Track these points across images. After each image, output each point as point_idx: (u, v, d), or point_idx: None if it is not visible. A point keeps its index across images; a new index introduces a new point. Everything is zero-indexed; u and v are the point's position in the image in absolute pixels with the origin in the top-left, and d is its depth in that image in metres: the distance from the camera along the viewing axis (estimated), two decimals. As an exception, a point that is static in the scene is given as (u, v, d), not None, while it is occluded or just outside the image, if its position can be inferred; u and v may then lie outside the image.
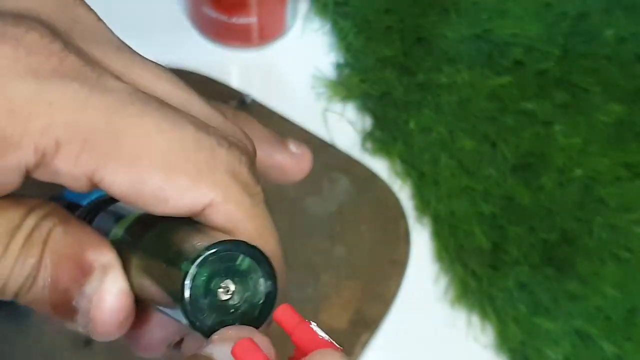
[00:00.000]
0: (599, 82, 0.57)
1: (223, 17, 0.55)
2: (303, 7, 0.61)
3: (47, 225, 0.21)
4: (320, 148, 0.53)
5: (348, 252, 0.48)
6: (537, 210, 0.51)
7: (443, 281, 0.49)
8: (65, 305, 0.21)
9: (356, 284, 0.47)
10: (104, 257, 0.22)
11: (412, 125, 0.54)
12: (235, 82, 0.54)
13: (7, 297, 0.21)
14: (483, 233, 0.49)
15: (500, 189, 0.51)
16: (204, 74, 0.54)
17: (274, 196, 0.50)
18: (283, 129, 0.53)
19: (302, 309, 0.47)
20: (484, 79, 0.56)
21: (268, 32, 0.57)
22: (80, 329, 0.22)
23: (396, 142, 0.53)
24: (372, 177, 0.52)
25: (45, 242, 0.21)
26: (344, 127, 0.55)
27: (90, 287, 0.21)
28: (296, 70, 0.58)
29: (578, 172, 0.52)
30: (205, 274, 0.20)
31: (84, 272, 0.21)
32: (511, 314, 0.47)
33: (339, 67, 0.57)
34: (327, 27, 0.60)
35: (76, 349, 0.44)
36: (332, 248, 0.48)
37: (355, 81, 0.56)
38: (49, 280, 0.21)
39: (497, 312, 0.47)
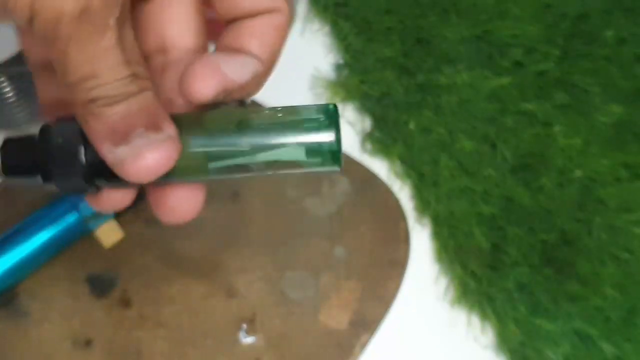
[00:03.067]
0: (598, 82, 0.57)
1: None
2: (302, 8, 0.61)
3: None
4: (320, 149, 0.53)
5: (348, 253, 0.48)
6: (536, 211, 0.51)
7: (443, 282, 0.49)
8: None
9: (356, 284, 0.47)
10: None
11: (411, 126, 0.54)
12: (235, 82, 0.55)
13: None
14: (482, 234, 0.49)
15: (500, 189, 0.51)
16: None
17: (274, 197, 0.50)
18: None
19: (302, 310, 0.47)
20: (483, 80, 0.56)
21: (268, 32, 0.57)
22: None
23: (396, 143, 0.53)
24: (371, 177, 0.52)
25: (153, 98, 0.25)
26: (343, 128, 0.55)
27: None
28: (296, 71, 0.58)
29: (578, 172, 0.52)
30: None
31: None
32: (511, 315, 0.47)
33: (338, 67, 0.58)
34: (327, 28, 0.60)
35: (76, 349, 0.44)
36: (332, 249, 0.48)
37: (355, 82, 0.56)
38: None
39: (497, 313, 0.47)
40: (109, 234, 0.47)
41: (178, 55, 0.29)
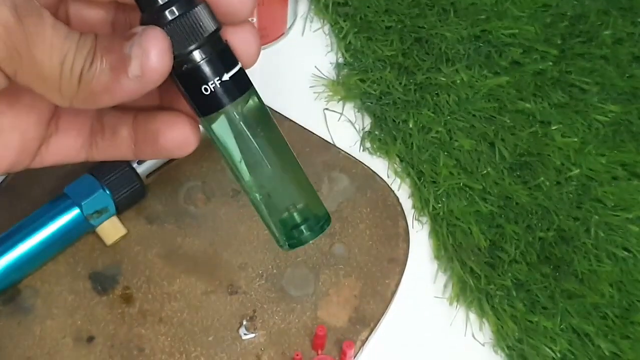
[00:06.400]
0: (596, 82, 0.57)
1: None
2: (303, 7, 0.61)
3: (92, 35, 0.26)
4: (320, 147, 0.53)
5: (347, 251, 0.49)
6: (534, 209, 0.51)
7: (441, 279, 0.49)
8: (120, 61, 0.26)
9: (355, 282, 0.48)
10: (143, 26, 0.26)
11: (411, 124, 0.54)
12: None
13: (75, 77, 0.26)
14: (481, 231, 0.50)
15: (498, 187, 0.52)
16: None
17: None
18: (283, 128, 0.53)
19: (302, 307, 0.48)
20: (482, 79, 0.56)
21: (268, 32, 0.58)
22: (132, 81, 0.26)
23: (395, 142, 0.54)
24: (371, 176, 0.52)
25: (95, 36, 0.26)
26: (343, 127, 0.55)
27: (138, 35, 0.26)
28: (296, 69, 0.58)
29: (575, 171, 0.53)
30: None
31: (131, 35, 0.26)
32: (509, 312, 0.47)
33: (338, 66, 0.58)
34: (327, 27, 0.60)
35: (78, 346, 0.44)
36: (332, 246, 0.49)
37: (355, 81, 0.56)
38: (105, 47, 0.26)
39: (495, 310, 0.47)
40: (111, 231, 0.47)
41: None
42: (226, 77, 0.27)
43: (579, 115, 0.55)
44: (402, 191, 0.52)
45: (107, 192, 0.46)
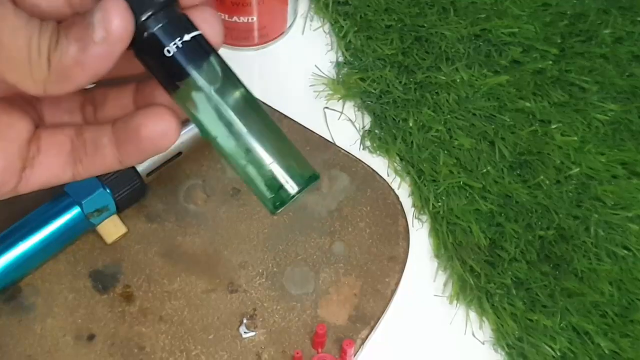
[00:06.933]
0: (596, 81, 0.57)
1: (224, 17, 0.55)
2: (303, 6, 0.61)
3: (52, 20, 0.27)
4: (320, 146, 0.53)
5: (347, 249, 0.49)
6: (534, 208, 0.51)
7: (441, 278, 0.49)
8: (84, 30, 0.26)
9: (355, 280, 0.48)
10: None
11: (411, 123, 0.54)
12: (235, 80, 0.55)
13: (43, 59, 0.26)
14: (481, 230, 0.50)
15: (498, 186, 0.52)
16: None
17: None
18: (283, 127, 0.54)
19: (302, 305, 0.48)
20: (482, 78, 0.56)
21: (269, 31, 0.58)
22: (100, 46, 0.26)
23: (395, 140, 0.54)
24: (371, 174, 0.52)
25: (57, 24, 0.27)
26: (343, 126, 0.55)
27: (97, 4, 0.26)
28: (296, 68, 0.58)
29: (575, 170, 0.53)
30: None
31: (90, 11, 0.26)
32: (509, 310, 0.47)
33: (338, 65, 0.58)
34: (327, 26, 0.60)
35: (78, 344, 0.45)
36: (332, 245, 0.49)
37: (355, 80, 0.56)
38: (66, 25, 0.26)
39: (495, 308, 0.47)
40: (111, 229, 0.47)
41: None
42: (187, 37, 0.28)
43: (579, 114, 0.56)
44: (402, 190, 0.52)
45: (108, 190, 0.46)
